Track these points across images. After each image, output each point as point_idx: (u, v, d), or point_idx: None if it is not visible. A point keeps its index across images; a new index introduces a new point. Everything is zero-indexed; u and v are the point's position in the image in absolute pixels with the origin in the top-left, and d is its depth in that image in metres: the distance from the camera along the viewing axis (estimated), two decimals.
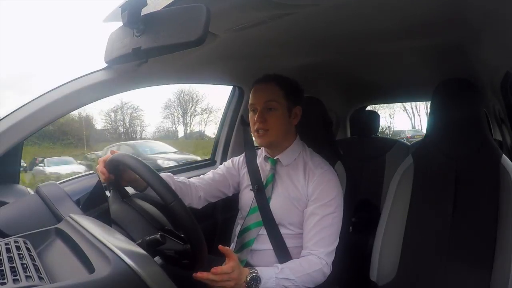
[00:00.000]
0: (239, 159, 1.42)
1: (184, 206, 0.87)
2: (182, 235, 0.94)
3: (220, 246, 0.99)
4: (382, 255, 1.36)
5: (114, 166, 1.04)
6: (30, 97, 1.01)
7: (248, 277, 1.00)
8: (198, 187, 1.33)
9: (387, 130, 20.80)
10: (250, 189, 1.31)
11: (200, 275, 0.92)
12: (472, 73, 1.63)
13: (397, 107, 20.56)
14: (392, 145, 2.34)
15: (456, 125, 1.31)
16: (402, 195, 1.38)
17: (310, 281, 1.11)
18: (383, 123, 22.42)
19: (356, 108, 2.97)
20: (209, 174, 1.40)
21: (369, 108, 3.22)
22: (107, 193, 1.19)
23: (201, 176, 1.39)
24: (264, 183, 1.28)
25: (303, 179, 1.23)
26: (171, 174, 1.26)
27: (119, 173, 1.08)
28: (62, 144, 12.56)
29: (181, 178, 1.30)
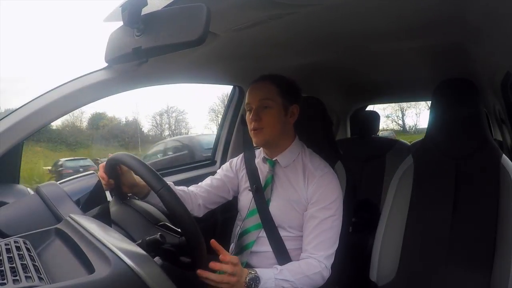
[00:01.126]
0: (237, 160, 1.41)
1: (174, 193, 0.86)
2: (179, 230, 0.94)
3: (212, 241, 0.97)
4: (382, 255, 1.35)
5: (110, 167, 1.05)
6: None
7: (247, 278, 1.00)
8: (197, 195, 1.32)
9: (414, 128, 21.35)
10: (249, 190, 1.30)
11: (203, 273, 0.91)
12: (472, 73, 1.62)
13: (422, 106, 20.86)
14: (392, 145, 2.34)
15: (456, 125, 1.31)
16: (402, 195, 1.38)
17: (309, 284, 1.11)
18: (410, 122, 23.09)
19: (356, 108, 2.97)
20: (207, 180, 1.39)
21: (369, 108, 3.23)
22: (108, 193, 1.19)
23: (200, 183, 1.38)
24: (263, 185, 1.27)
25: (302, 181, 1.22)
26: (172, 183, 1.24)
27: (117, 176, 1.09)
28: (114, 146, 13.95)
29: (180, 187, 1.30)
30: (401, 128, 21.60)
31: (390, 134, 14.56)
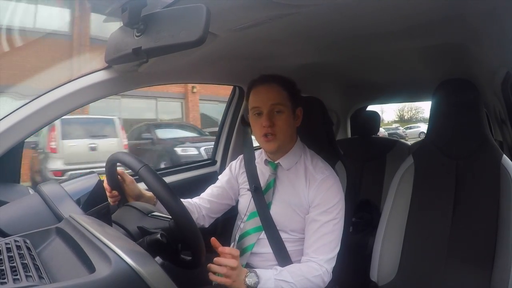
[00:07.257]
0: (236, 163, 1.40)
1: (154, 171, 0.88)
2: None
3: (212, 239, 0.99)
4: (382, 255, 1.35)
5: (109, 173, 1.07)
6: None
7: (247, 276, 1.01)
8: (201, 206, 1.33)
9: None
10: (248, 190, 1.29)
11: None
12: (472, 73, 1.62)
13: None
14: (392, 145, 2.34)
15: (457, 125, 1.31)
16: (403, 195, 1.38)
17: (309, 287, 1.10)
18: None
19: (356, 108, 2.97)
20: (208, 190, 1.38)
21: (369, 108, 3.23)
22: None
23: (201, 195, 1.38)
24: (264, 188, 1.26)
25: (304, 184, 1.20)
26: None
27: (119, 185, 1.10)
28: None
29: (184, 200, 1.29)
30: None
31: None
